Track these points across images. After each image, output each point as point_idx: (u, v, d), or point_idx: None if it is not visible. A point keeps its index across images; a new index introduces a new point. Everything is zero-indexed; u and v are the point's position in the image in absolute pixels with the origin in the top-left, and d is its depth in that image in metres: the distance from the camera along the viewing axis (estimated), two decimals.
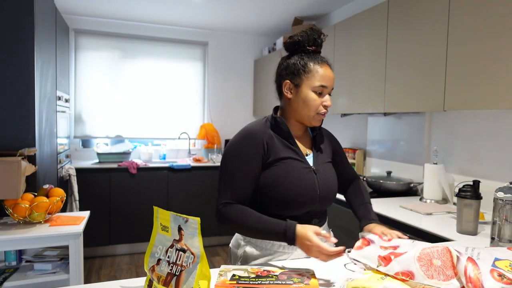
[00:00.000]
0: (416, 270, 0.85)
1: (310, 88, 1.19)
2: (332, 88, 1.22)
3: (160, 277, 0.85)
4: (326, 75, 1.19)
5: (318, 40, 1.23)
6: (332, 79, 1.21)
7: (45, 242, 1.78)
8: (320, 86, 1.19)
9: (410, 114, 2.63)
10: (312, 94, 1.19)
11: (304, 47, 1.22)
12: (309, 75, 1.19)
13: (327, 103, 1.21)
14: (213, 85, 4.54)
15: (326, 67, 1.21)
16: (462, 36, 1.82)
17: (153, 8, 3.67)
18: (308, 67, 1.19)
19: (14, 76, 2.08)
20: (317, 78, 1.19)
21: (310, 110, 1.20)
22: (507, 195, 1.39)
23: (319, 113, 1.21)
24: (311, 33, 1.22)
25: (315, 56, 1.21)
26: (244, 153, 1.18)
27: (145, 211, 3.71)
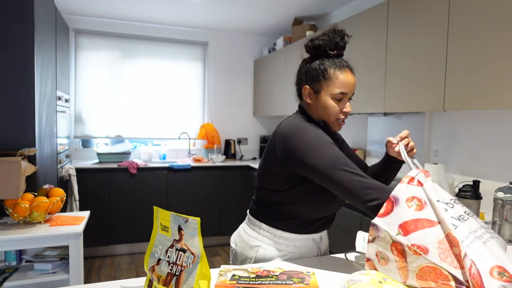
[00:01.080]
0: (433, 249, 0.86)
1: (330, 95, 1.16)
2: (353, 93, 1.20)
3: (160, 277, 0.85)
4: (346, 82, 1.16)
5: (341, 43, 1.18)
6: (352, 85, 1.17)
7: (45, 242, 1.78)
8: (340, 93, 1.16)
9: (410, 114, 2.63)
10: (331, 101, 1.17)
11: (326, 51, 1.18)
12: (328, 82, 1.16)
13: (347, 110, 1.18)
14: (213, 85, 4.54)
15: (347, 72, 1.16)
16: (462, 36, 1.82)
17: (153, 8, 3.67)
18: (328, 74, 1.16)
19: (14, 76, 2.08)
20: (337, 85, 1.15)
21: (329, 116, 1.19)
22: (507, 195, 1.39)
23: (338, 119, 1.19)
24: (333, 36, 1.17)
25: (336, 61, 1.17)
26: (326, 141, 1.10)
27: (145, 211, 3.71)
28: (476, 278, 0.79)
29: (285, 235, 1.23)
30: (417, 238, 0.89)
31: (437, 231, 0.90)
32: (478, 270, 0.80)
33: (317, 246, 1.29)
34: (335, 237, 2.44)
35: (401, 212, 0.97)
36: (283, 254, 1.25)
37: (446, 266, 0.83)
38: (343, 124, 1.22)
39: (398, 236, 0.93)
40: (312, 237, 1.27)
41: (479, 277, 0.79)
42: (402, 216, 0.96)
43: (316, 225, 1.25)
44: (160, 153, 4.28)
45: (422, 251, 0.87)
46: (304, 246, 1.26)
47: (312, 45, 1.19)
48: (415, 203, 0.97)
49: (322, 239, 1.31)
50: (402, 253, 0.92)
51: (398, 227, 0.95)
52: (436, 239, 0.88)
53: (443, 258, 0.85)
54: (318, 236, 1.29)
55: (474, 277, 0.79)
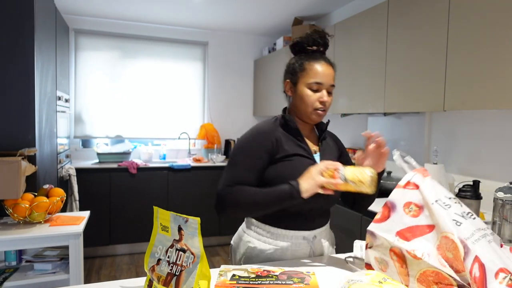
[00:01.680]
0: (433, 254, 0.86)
1: (306, 85, 1.22)
2: (330, 85, 1.23)
3: (160, 277, 0.85)
4: (321, 72, 1.21)
5: (319, 40, 1.25)
6: (328, 76, 1.22)
7: (45, 242, 1.78)
8: (315, 83, 1.21)
9: (410, 114, 2.63)
10: (308, 91, 1.22)
11: (304, 47, 1.26)
12: (304, 73, 1.23)
13: (323, 99, 1.22)
14: (213, 85, 4.54)
15: (322, 64, 1.22)
16: (462, 36, 1.82)
17: (153, 8, 3.67)
18: (303, 65, 1.23)
19: (14, 76, 2.08)
20: (311, 75, 1.21)
21: (307, 106, 1.23)
22: (507, 195, 1.39)
23: (316, 109, 1.23)
24: (312, 34, 1.25)
25: (314, 55, 1.24)
26: (251, 147, 1.22)
27: (145, 211, 3.71)
28: (479, 281, 0.78)
29: (273, 230, 1.24)
30: (416, 244, 0.89)
31: (435, 237, 0.90)
32: (482, 270, 0.80)
33: (309, 246, 1.27)
34: (335, 237, 2.44)
35: (398, 219, 0.97)
36: (272, 250, 1.24)
37: (449, 270, 0.83)
38: (323, 114, 1.24)
39: (396, 242, 0.93)
40: (303, 235, 1.25)
41: (481, 278, 0.78)
42: (400, 223, 0.96)
43: (302, 219, 1.24)
44: (160, 153, 4.28)
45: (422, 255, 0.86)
46: (294, 243, 1.24)
47: (292, 43, 1.29)
48: (413, 209, 0.97)
49: (315, 239, 1.28)
50: (401, 258, 0.92)
51: (395, 234, 0.95)
52: (435, 245, 0.88)
53: (443, 264, 0.84)
54: (310, 234, 1.26)
55: (476, 280, 0.78)
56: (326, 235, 1.34)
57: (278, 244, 1.24)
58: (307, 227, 1.26)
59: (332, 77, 1.23)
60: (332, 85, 1.24)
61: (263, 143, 1.21)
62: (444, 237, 0.88)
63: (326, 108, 1.25)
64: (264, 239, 1.26)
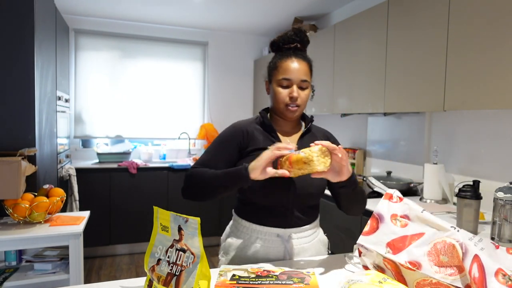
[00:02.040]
0: (425, 262, 0.85)
1: (276, 82, 1.24)
2: (301, 80, 1.22)
3: (160, 277, 0.84)
4: (289, 68, 1.21)
5: (294, 37, 1.26)
6: (298, 71, 1.21)
7: (45, 242, 1.78)
8: (283, 79, 1.21)
9: (410, 114, 2.63)
10: (278, 88, 1.23)
11: (280, 46, 1.27)
12: (275, 70, 1.24)
13: (292, 94, 1.21)
14: (213, 85, 4.54)
15: (291, 60, 1.22)
16: (462, 36, 1.82)
17: (153, 8, 3.67)
18: (276, 64, 1.25)
19: (14, 76, 2.07)
20: (280, 72, 1.22)
21: (278, 102, 1.24)
22: (507, 195, 1.39)
23: (287, 104, 1.22)
24: (288, 32, 1.27)
25: (287, 53, 1.24)
26: (223, 137, 1.28)
27: (145, 211, 3.71)
28: (478, 282, 0.78)
29: (247, 225, 1.24)
30: (407, 255, 0.89)
31: (424, 243, 0.89)
32: (481, 270, 0.79)
33: (284, 246, 1.23)
34: (335, 237, 2.44)
35: (387, 229, 0.98)
36: (247, 245, 1.23)
37: (441, 277, 0.82)
38: (295, 111, 1.23)
39: (388, 254, 0.92)
40: (277, 232, 1.22)
41: (481, 278, 0.78)
42: (389, 234, 0.96)
43: (275, 215, 1.21)
44: (160, 153, 4.28)
45: (415, 267, 0.85)
46: (268, 239, 1.22)
47: (270, 43, 1.31)
48: (400, 220, 0.98)
49: (290, 239, 1.23)
50: (396, 268, 0.92)
51: (386, 246, 0.95)
52: (424, 252, 0.87)
53: (436, 271, 0.84)
54: (284, 232, 1.22)
55: (476, 281, 0.78)
56: (311, 239, 1.28)
57: (250, 239, 1.24)
58: (281, 224, 1.22)
59: (303, 72, 1.22)
60: (303, 80, 1.22)
61: (234, 135, 1.25)
62: (438, 242, 0.88)
63: (299, 104, 1.23)
64: (238, 234, 1.27)
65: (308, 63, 1.26)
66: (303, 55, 1.26)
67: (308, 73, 1.25)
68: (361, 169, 3.12)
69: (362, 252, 1.04)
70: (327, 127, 1.50)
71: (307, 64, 1.25)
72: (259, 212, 1.23)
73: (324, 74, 3.12)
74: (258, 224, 1.23)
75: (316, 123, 1.41)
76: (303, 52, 1.28)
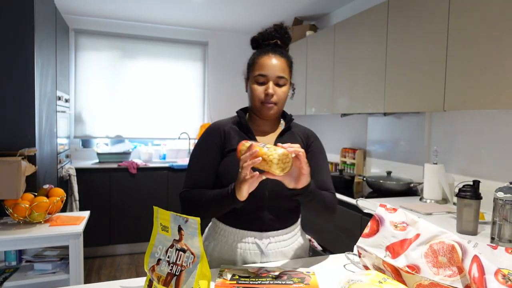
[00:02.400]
0: (423, 265, 0.85)
1: (253, 79, 1.20)
2: (277, 76, 1.17)
3: (160, 277, 0.84)
4: (265, 64, 1.17)
5: (273, 34, 1.22)
6: (274, 67, 1.17)
7: (45, 242, 1.78)
8: (259, 75, 1.18)
9: (410, 114, 2.63)
10: (254, 85, 1.19)
11: (259, 43, 1.25)
12: (252, 68, 1.21)
13: (267, 91, 1.16)
14: (213, 85, 4.54)
15: (268, 56, 1.18)
16: (462, 36, 1.82)
17: (153, 8, 3.67)
18: (253, 60, 1.21)
19: (14, 76, 2.07)
20: (256, 68, 1.19)
21: (254, 100, 1.20)
22: (507, 195, 1.39)
23: (263, 102, 1.18)
24: (268, 28, 1.24)
25: (265, 49, 1.21)
26: (201, 146, 1.24)
27: (145, 211, 3.71)
28: (478, 282, 0.78)
29: (225, 228, 1.21)
30: (405, 259, 0.89)
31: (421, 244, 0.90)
32: (481, 270, 0.79)
33: (260, 251, 1.18)
34: (335, 237, 2.44)
35: (387, 233, 0.98)
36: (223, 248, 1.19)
37: (440, 279, 0.83)
38: (271, 108, 1.18)
39: (387, 258, 0.93)
40: (253, 235, 1.18)
41: (481, 278, 0.78)
42: (389, 237, 0.97)
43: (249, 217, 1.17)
44: (160, 153, 4.28)
45: (414, 270, 0.86)
46: (244, 243, 1.18)
47: (251, 40, 1.27)
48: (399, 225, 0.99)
49: (267, 243, 1.18)
50: (396, 271, 0.92)
51: (385, 250, 0.95)
52: (422, 253, 0.88)
53: (435, 272, 0.84)
54: (260, 235, 1.18)
55: (475, 281, 0.78)
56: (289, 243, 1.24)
57: (227, 242, 1.20)
58: (257, 227, 1.18)
59: (279, 68, 1.17)
60: (280, 76, 1.17)
61: (212, 139, 1.22)
62: (436, 243, 0.88)
63: (276, 101, 1.18)
64: (216, 236, 1.23)
65: (287, 59, 1.21)
66: (282, 51, 1.21)
67: (286, 69, 1.20)
68: (361, 169, 3.12)
69: (362, 253, 1.04)
70: (327, 127, 1.50)
71: (286, 60, 1.20)
72: (235, 215, 1.18)
73: (324, 74, 3.11)
74: (235, 227, 1.19)
75: (316, 123, 1.41)
76: (283, 49, 1.24)
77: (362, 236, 1.04)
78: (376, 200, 2.27)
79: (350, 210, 2.29)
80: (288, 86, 1.22)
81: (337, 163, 3.45)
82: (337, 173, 2.80)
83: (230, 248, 1.19)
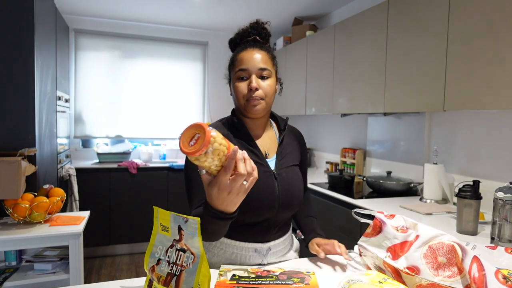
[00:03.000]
0: (422, 266, 0.85)
1: (235, 78, 1.11)
2: (259, 68, 1.08)
3: (160, 277, 0.84)
4: (244, 57, 1.09)
5: (249, 30, 1.17)
6: (254, 59, 1.08)
7: (45, 242, 1.78)
8: (239, 71, 1.09)
9: (410, 114, 2.63)
10: (236, 82, 1.10)
11: (238, 43, 1.20)
12: (233, 66, 1.13)
13: (251, 85, 1.07)
14: (213, 85, 4.54)
15: (248, 50, 1.11)
16: (462, 36, 1.82)
17: (153, 8, 3.67)
18: (233, 59, 1.15)
19: (14, 76, 2.07)
20: (237, 65, 1.11)
21: (238, 98, 1.10)
22: (507, 195, 1.39)
23: (248, 99, 1.09)
24: (245, 27, 1.19)
25: (243, 46, 1.14)
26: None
27: (145, 211, 3.71)
28: (478, 282, 0.78)
29: (222, 239, 1.14)
30: (405, 260, 0.90)
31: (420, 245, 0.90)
32: (481, 270, 0.80)
33: (261, 259, 1.16)
34: (335, 237, 2.44)
35: (389, 234, 0.99)
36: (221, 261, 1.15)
37: (440, 279, 0.83)
38: (259, 104, 1.09)
39: (387, 259, 0.93)
40: (254, 247, 1.14)
41: (481, 278, 0.78)
42: (392, 238, 0.98)
43: (255, 230, 1.13)
44: (160, 153, 4.28)
45: (413, 272, 0.86)
46: (244, 255, 1.14)
47: (228, 42, 1.23)
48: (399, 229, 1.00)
49: (269, 252, 1.17)
50: (396, 272, 0.93)
51: (387, 250, 0.95)
52: (421, 254, 0.88)
53: (434, 273, 0.84)
54: (262, 247, 1.15)
55: (475, 281, 0.78)
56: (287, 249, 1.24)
57: (225, 254, 1.15)
58: (260, 238, 1.15)
59: (260, 60, 1.09)
60: (262, 68, 1.08)
61: None
62: (436, 244, 0.88)
63: (261, 95, 1.08)
64: (211, 248, 1.17)
65: (268, 52, 1.13)
66: (261, 45, 1.14)
67: (269, 61, 1.11)
68: (361, 169, 3.12)
69: (363, 252, 1.04)
70: (327, 127, 1.50)
71: (267, 53, 1.12)
72: (237, 228, 1.10)
73: (324, 74, 3.11)
74: (235, 239, 1.13)
75: (316, 123, 1.41)
76: (263, 44, 1.16)
77: (364, 235, 1.04)
78: (376, 200, 2.27)
79: (350, 210, 2.28)
80: (274, 79, 1.13)
81: (337, 163, 3.45)
82: (337, 173, 2.80)
83: (229, 260, 1.15)
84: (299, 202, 1.19)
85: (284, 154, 1.19)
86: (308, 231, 1.30)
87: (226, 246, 1.14)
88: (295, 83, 3.60)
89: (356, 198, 2.31)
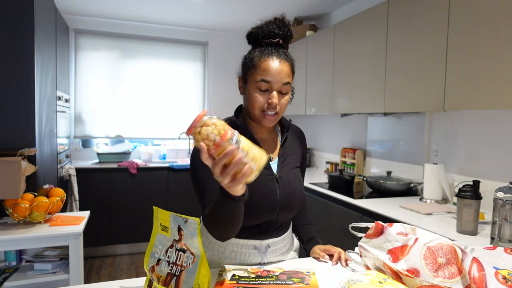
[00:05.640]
0: (422, 268, 0.85)
1: (254, 83, 1.06)
2: (283, 83, 1.05)
3: (160, 277, 0.84)
4: (270, 69, 1.04)
5: (276, 31, 1.10)
6: (279, 73, 1.04)
7: (45, 242, 1.78)
8: (261, 81, 1.04)
9: (410, 114, 2.63)
10: (255, 91, 1.06)
11: (259, 40, 1.11)
12: (253, 70, 1.07)
13: (271, 100, 1.04)
14: (213, 85, 4.54)
15: (272, 59, 1.05)
16: (462, 35, 1.82)
17: (153, 8, 3.67)
18: (253, 61, 1.07)
19: (14, 76, 2.07)
20: (259, 72, 1.05)
21: (254, 108, 1.06)
22: (507, 195, 1.39)
23: (264, 111, 1.06)
24: (269, 24, 1.11)
25: (267, 49, 1.08)
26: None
27: (145, 211, 3.71)
28: (478, 282, 0.78)
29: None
30: (405, 263, 0.90)
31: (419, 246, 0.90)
32: (481, 270, 0.80)
33: (261, 256, 1.15)
34: (335, 237, 2.44)
35: (391, 236, 0.99)
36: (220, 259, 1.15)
37: (440, 281, 0.83)
38: (273, 119, 1.08)
39: (387, 261, 0.93)
40: (254, 244, 1.14)
41: (481, 278, 0.78)
42: (393, 241, 0.98)
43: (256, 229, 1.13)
44: (160, 153, 4.27)
45: (413, 274, 0.86)
46: (244, 252, 1.13)
47: (248, 34, 1.14)
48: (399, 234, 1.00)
49: (268, 249, 1.16)
50: (395, 273, 0.93)
51: (387, 252, 0.95)
52: (420, 255, 0.88)
53: (434, 275, 0.84)
54: (261, 244, 1.15)
55: (475, 281, 0.78)
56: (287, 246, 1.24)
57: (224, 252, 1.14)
58: (260, 236, 1.14)
59: (285, 74, 1.06)
60: (285, 83, 1.06)
61: None
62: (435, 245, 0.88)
63: (278, 111, 1.07)
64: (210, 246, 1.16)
65: (291, 63, 1.10)
66: (286, 53, 1.10)
67: (291, 74, 1.09)
68: (361, 169, 3.12)
69: (363, 253, 1.04)
70: (327, 127, 1.50)
71: (290, 65, 1.09)
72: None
73: (324, 74, 3.11)
74: (235, 237, 1.12)
75: (316, 123, 1.41)
76: (285, 50, 1.12)
77: (365, 236, 1.04)
78: (376, 200, 2.27)
79: (350, 210, 2.29)
80: (290, 91, 1.11)
81: (337, 163, 3.45)
82: (337, 173, 2.80)
83: (228, 258, 1.15)
84: (300, 204, 1.19)
85: (286, 156, 1.19)
86: (308, 239, 1.31)
87: (226, 244, 1.14)
88: (295, 83, 3.59)
89: (356, 198, 2.31)
